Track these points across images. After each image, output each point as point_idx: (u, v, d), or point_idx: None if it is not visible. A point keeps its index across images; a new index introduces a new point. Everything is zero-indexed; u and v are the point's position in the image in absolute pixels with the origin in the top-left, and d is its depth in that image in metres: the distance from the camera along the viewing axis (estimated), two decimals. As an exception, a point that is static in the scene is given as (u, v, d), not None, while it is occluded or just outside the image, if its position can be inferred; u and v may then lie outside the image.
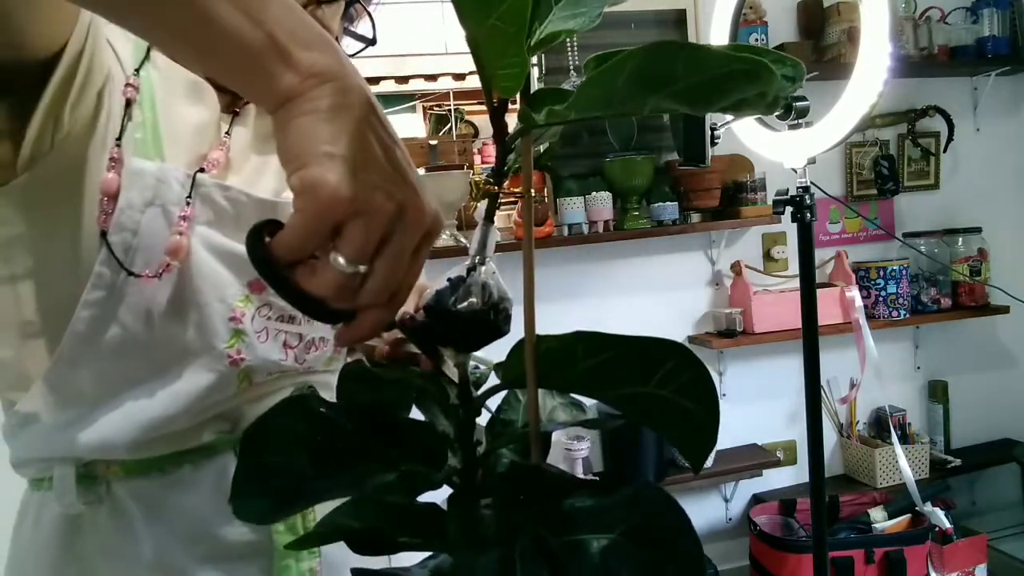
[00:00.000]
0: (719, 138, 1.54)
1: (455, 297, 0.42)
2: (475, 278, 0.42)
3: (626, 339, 0.37)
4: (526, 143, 0.40)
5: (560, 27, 0.38)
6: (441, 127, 3.38)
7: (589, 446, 2.29)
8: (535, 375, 0.40)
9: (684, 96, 0.31)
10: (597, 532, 0.33)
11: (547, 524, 0.34)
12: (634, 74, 0.30)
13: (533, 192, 2.07)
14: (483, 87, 0.37)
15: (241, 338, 0.69)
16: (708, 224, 2.42)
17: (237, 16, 0.37)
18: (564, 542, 0.33)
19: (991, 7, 2.60)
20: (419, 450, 0.41)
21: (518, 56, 0.34)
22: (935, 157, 2.73)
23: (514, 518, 0.35)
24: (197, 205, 0.66)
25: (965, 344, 2.79)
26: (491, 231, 0.43)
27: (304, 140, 0.37)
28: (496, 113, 0.39)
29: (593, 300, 2.45)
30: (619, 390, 0.37)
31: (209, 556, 0.70)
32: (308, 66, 0.38)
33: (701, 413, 0.36)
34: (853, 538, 2.27)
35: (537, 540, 0.34)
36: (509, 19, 0.33)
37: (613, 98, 0.32)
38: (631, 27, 2.47)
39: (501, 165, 0.41)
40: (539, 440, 0.42)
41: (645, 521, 0.33)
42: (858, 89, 1.46)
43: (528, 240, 0.41)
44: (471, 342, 0.43)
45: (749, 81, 0.30)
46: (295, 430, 0.40)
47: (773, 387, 2.61)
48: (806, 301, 1.54)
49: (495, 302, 0.42)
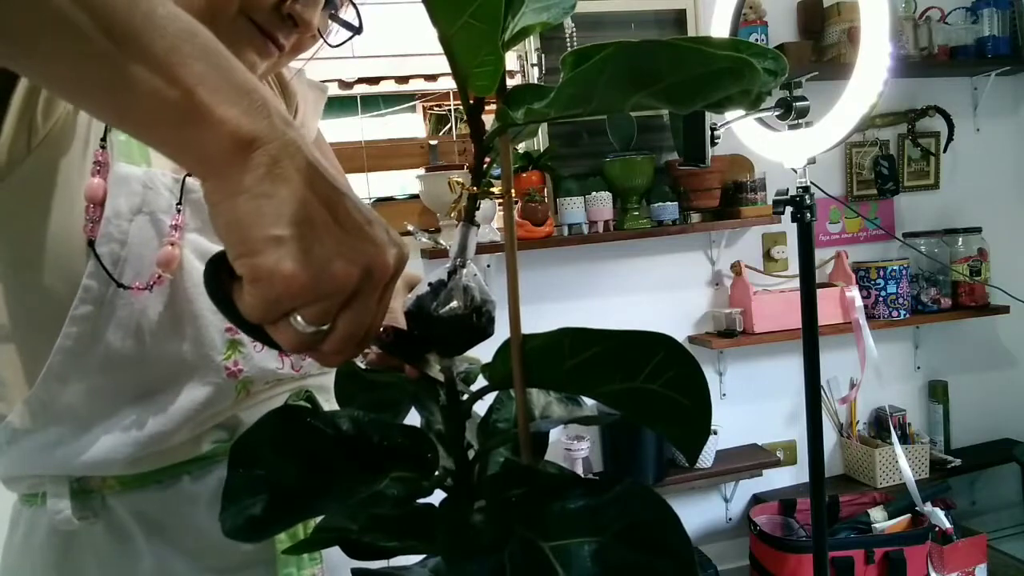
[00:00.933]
0: (719, 138, 1.54)
1: (436, 302, 0.41)
2: (456, 281, 0.42)
3: (612, 333, 0.36)
4: (504, 142, 0.40)
5: (533, 20, 0.37)
6: (441, 127, 3.38)
7: (589, 446, 2.29)
8: (522, 374, 0.39)
9: (666, 95, 0.31)
10: (587, 535, 0.33)
11: (538, 527, 0.34)
12: (616, 73, 0.30)
13: (532, 192, 2.04)
14: (458, 87, 0.37)
15: (238, 349, 0.67)
16: (708, 224, 2.42)
17: (152, 77, 0.33)
18: (554, 546, 0.33)
19: (991, 7, 2.60)
20: (410, 456, 0.41)
21: (493, 53, 0.34)
22: (935, 157, 2.73)
23: (505, 521, 0.35)
24: (187, 211, 0.64)
25: (965, 344, 2.79)
26: (471, 233, 0.43)
27: (246, 224, 0.34)
28: (473, 112, 0.38)
29: (593, 300, 2.45)
30: (608, 386, 0.37)
31: (211, 568, 0.69)
32: (233, 130, 0.34)
33: (692, 406, 0.36)
34: (853, 538, 2.27)
35: (528, 545, 0.33)
36: (483, 16, 0.32)
37: (594, 96, 0.31)
38: (631, 27, 2.47)
39: (479, 165, 0.40)
40: (529, 440, 0.41)
41: (634, 522, 0.33)
42: (858, 89, 1.46)
43: (510, 239, 0.41)
44: (455, 346, 0.42)
45: (732, 79, 0.29)
46: (283, 441, 0.39)
47: (773, 387, 2.61)
48: (806, 301, 1.54)
49: (477, 305, 0.41)
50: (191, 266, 0.64)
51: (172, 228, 0.63)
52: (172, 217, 0.63)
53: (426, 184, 2.18)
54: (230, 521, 0.37)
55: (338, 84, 2.63)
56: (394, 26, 2.50)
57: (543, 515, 0.34)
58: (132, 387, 0.64)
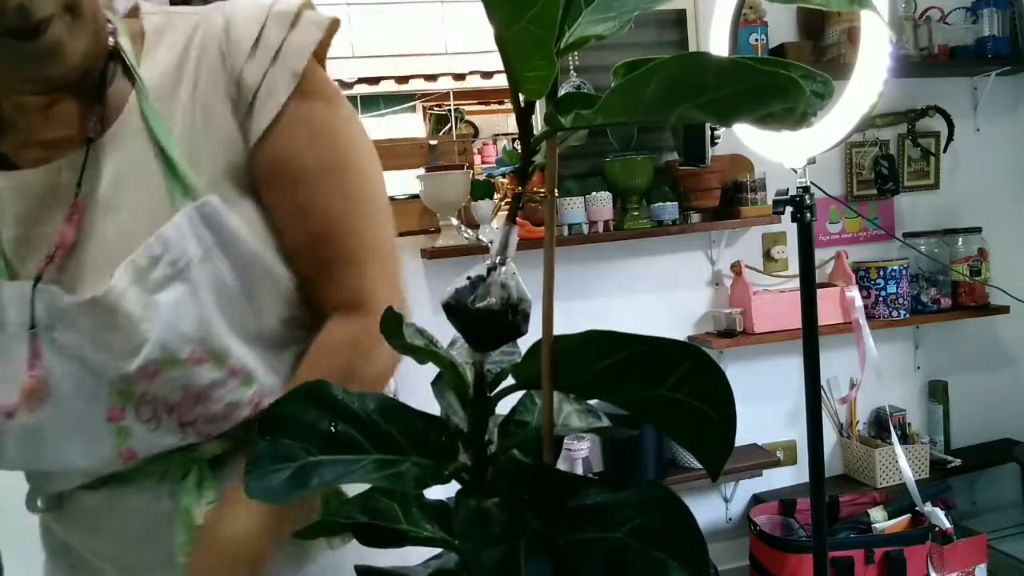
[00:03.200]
0: (719, 138, 1.54)
1: (474, 296, 0.42)
2: (495, 278, 0.42)
3: (640, 339, 0.36)
4: (551, 145, 0.40)
5: (589, 31, 0.38)
6: (441, 127, 3.39)
7: (589, 446, 2.29)
8: (551, 375, 0.40)
9: (711, 108, 0.31)
10: (603, 531, 0.33)
11: (554, 521, 0.34)
12: (663, 83, 0.31)
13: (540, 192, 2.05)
14: (510, 88, 0.38)
15: (127, 435, 0.65)
16: (708, 224, 2.42)
17: None
18: (570, 540, 0.33)
19: (991, 7, 2.60)
20: (431, 443, 0.42)
21: (546, 59, 0.34)
22: (935, 157, 2.74)
23: (520, 514, 0.35)
24: (41, 317, 0.63)
25: (965, 344, 2.79)
26: (513, 232, 0.43)
27: None
28: (523, 115, 0.39)
29: (593, 300, 2.45)
30: (633, 393, 0.37)
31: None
32: None
33: (717, 417, 0.36)
34: (853, 538, 2.27)
35: (543, 536, 0.34)
36: (540, 22, 0.33)
37: (640, 106, 0.32)
38: (631, 27, 2.47)
39: (525, 167, 0.41)
40: (552, 440, 0.42)
41: (651, 520, 0.33)
42: (858, 89, 1.46)
43: (549, 240, 0.42)
44: (488, 341, 0.43)
45: (777, 96, 0.30)
46: (311, 415, 0.41)
47: (773, 387, 2.61)
48: (806, 301, 1.54)
49: (514, 303, 0.42)
50: (60, 374, 0.63)
51: (32, 357, 0.62)
52: (27, 340, 0.62)
53: (426, 184, 2.18)
54: (254, 483, 0.39)
55: (338, 84, 2.64)
56: (394, 26, 2.51)
57: (558, 510, 0.35)
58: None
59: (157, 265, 0.62)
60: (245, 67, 0.66)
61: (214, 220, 0.64)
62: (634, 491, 0.34)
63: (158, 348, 0.62)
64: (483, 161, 3.19)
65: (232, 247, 0.65)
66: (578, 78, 2.38)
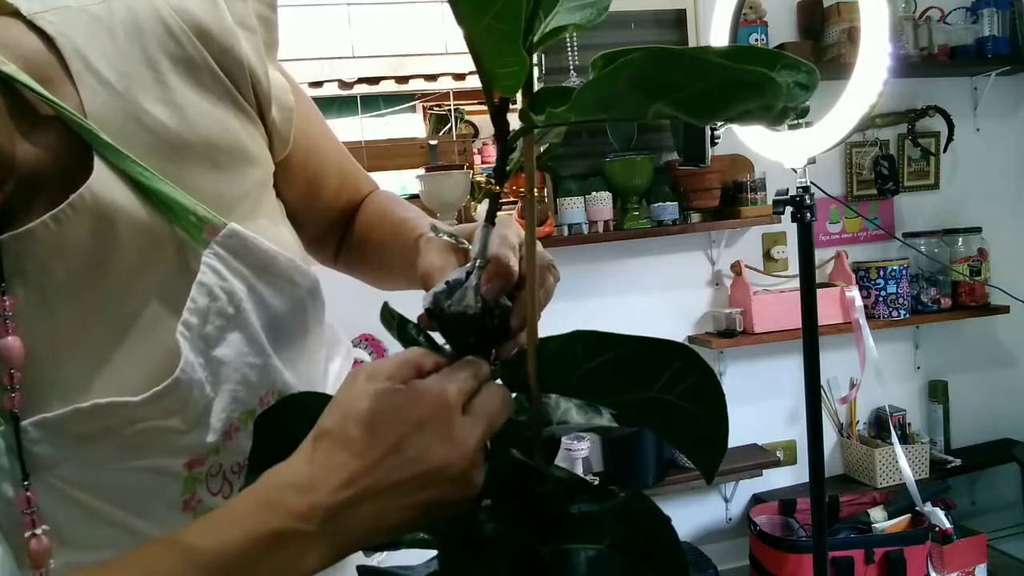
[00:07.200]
0: (719, 138, 1.54)
1: (451, 300, 0.42)
2: (471, 281, 0.42)
3: (627, 339, 0.36)
4: (528, 143, 0.40)
5: (566, 20, 0.37)
6: (441, 127, 3.38)
7: (589, 446, 2.29)
8: (538, 377, 0.39)
9: (686, 105, 0.30)
10: (586, 542, 0.33)
11: (539, 531, 0.34)
12: (634, 80, 0.30)
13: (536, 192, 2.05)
14: (483, 86, 0.37)
15: (203, 512, 0.57)
16: (708, 224, 2.42)
17: None
18: (553, 551, 0.33)
19: (991, 7, 2.60)
20: None
21: (516, 55, 0.34)
22: (935, 157, 2.73)
23: (508, 521, 0.35)
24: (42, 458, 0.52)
25: (965, 344, 2.79)
26: (492, 233, 0.43)
27: None
28: (497, 113, 0.38)
29: (593, 300, 2.45)
30: (622, 395, 0.37)
31: None
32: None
33: (709, 419, 0.35)
34: (853, 538, 2.26)
35: (527, 549, 0.33)
36: (504, 18, 0.32)
37: (613, 102, 0.31)
38: (631, 27, 2.47)
39: (503, 165, 0.40)
40: (542, 443, 0.42)
41: (633, 532, 0.33)
42: (858, 89, 1.46)
43: (530, 240, 0.41)
44: (466, 344, 0.42)
45: (752, 93, 0.29)
46: (308, 412, 0.41)
47: (773, 387, 2.61)
48: (806, 301, 1.54)
49: (491, 306, 0.42)
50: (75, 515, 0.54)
51: (31, 524, 0.51)
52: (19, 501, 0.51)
53: (426, 184, 2.18)
54: (253, 475, 0.39)
55: (338, 84, 2.64)
56: (394, 26, 2.50)
57: (545, 518, 0.35)
58: None
59: (208, 319, 0.53)
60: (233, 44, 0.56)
61: (241, 246, 0.55)
62: (619, 502, 0.34)
63: (232, 404, 0.55)
64: (483, 161, 3.18)
65: (269, 266, 0.57)
66: (578, 78, 2.38)
